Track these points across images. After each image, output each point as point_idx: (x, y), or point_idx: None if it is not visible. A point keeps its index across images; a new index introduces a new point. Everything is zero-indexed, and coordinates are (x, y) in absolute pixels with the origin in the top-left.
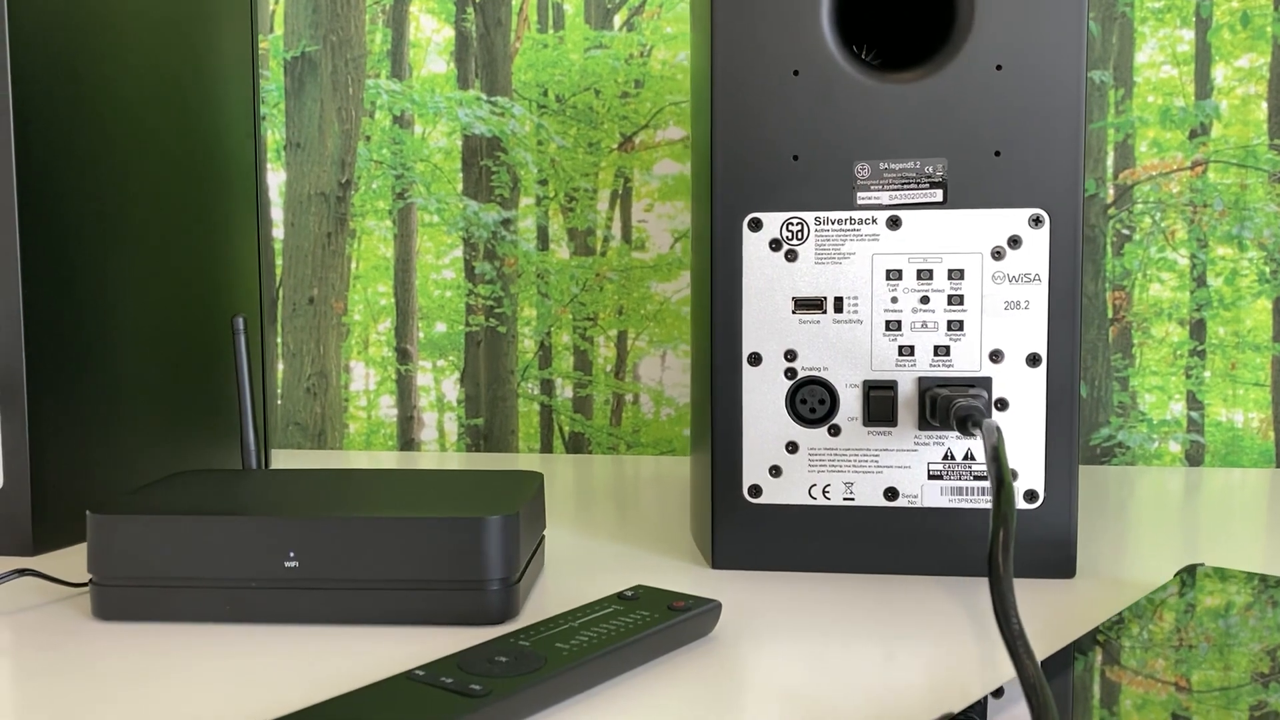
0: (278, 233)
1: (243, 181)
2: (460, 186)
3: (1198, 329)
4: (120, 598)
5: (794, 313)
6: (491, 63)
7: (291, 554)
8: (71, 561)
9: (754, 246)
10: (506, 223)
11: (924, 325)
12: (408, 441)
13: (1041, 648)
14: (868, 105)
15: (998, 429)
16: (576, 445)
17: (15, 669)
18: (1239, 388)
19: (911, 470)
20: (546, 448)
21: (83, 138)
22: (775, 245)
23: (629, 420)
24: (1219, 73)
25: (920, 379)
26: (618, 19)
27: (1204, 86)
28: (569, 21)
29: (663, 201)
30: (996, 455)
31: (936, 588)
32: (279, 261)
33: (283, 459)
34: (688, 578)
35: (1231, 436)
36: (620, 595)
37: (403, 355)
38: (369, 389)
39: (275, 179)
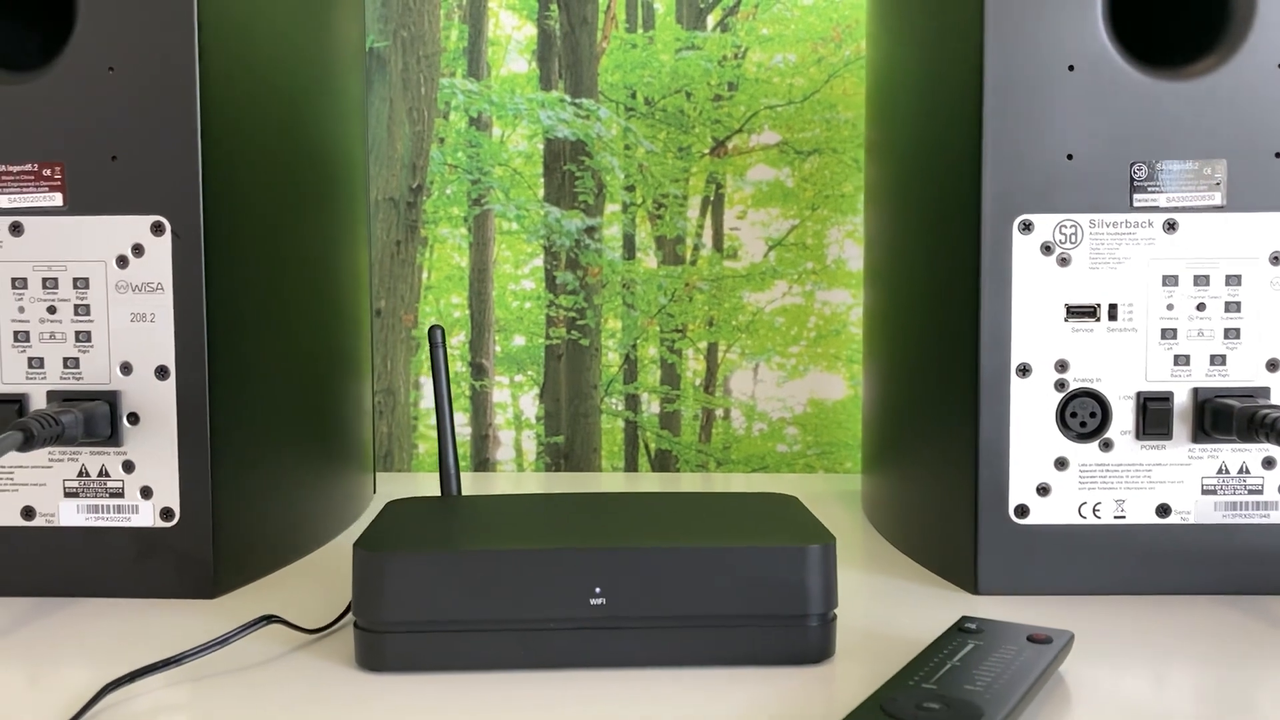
0: None
1: (355, 187)
2: (541, 192)
3: None
4: (394, 645)
5: (1066, 320)
6: (576, 63)
7: (598, 590)
8: (260, 603)
9: (1024, 250)
10: (590, 230)
11: (1200, 333)
12: (482, 461)
13: None
14: (1145, 103)
15: None
16: (663, 463)
17: None
18: None
19: (1184, 485)
20: (631, 466)
21: (252, 144)
22: (1047, 249)
23: (719, 436)
24: None
25: (1196, 389)
26: (711, 19)
27: None
28: (659, 21)
29: (756, 208)
30: None
31: (1228, 608)
32: None
33: None
34: (954, 604)
35: None
36: (961, 628)
37: (478, 370)
38: None
39: None
